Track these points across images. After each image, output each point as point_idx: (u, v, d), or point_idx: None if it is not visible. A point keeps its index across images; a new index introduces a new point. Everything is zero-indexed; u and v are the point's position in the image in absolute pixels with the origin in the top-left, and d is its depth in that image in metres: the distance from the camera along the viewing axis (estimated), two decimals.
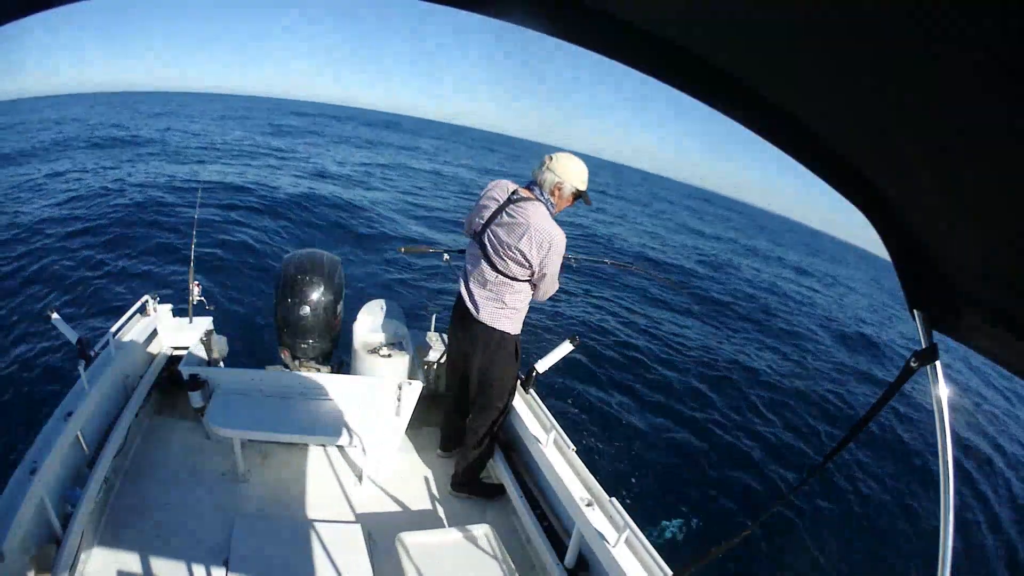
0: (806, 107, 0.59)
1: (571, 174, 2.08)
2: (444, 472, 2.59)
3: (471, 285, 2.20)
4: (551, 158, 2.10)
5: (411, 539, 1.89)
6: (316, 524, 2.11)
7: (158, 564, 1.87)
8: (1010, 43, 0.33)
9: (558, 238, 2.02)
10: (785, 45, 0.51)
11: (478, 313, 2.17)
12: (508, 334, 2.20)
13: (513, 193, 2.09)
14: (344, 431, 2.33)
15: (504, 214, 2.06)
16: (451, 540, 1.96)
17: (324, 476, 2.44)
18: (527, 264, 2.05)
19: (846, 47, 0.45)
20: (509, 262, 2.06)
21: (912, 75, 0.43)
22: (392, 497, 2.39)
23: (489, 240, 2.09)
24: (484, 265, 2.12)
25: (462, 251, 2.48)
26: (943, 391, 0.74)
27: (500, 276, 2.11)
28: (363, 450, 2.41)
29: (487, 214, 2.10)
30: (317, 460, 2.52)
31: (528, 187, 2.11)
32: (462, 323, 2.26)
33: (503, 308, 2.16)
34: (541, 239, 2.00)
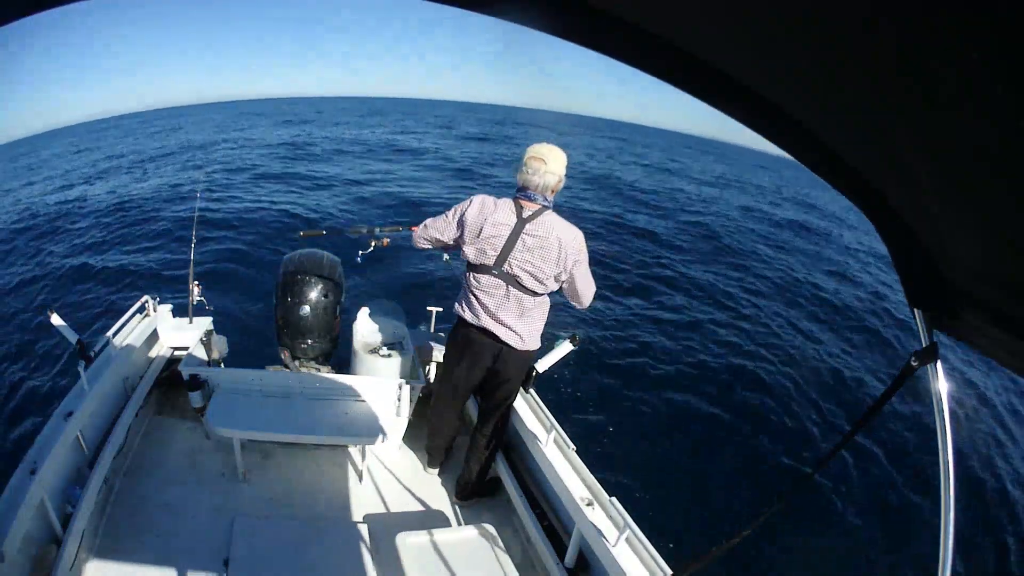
0: (806, 107, 0.59)
1: (564, 166, 1.98)
2: (445, 471, 2.59)
3: (506, 319, 2.05)
4: (544, 160, 1.93)
5: (412, 539, 1.89)
6: (316, 524, 2.11)
7: (158, 564, 1.87)
8: (1010, 42, 0.33)
9: (582, 239, 1.99)
10: (785, 45, 0.51)
11: (524, 343, 2.10)
12: (538, 349, 2.21)
13: (520, 210, 1.95)
14: (344, 431, 2.33)
15: (525, 238, 1.93)
16: (451, 540, 1.96)
17: (324, 476, 2.44)
18: (563, 274, 2.02)
19: (846, 47, 0.46)
20: (550, 282, 2.02)
21: (912, 75, 0.43)
22: (392, 497, 2.39)
23: (522, 269, 1.97)
24: (519, 294, 2.02)
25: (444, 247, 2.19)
26: (943, 390, 0.75)
27: (537, 298, 2.05)
28: (363, 450, 2.41)
29: (501, 243, 1.94)
30: (317, 460, 2.52)
31: (527, 198, 1.96)
32: (499, 359, 2.14)
33: (539, 326, 2.13)
34: (577, 248, 1.97)
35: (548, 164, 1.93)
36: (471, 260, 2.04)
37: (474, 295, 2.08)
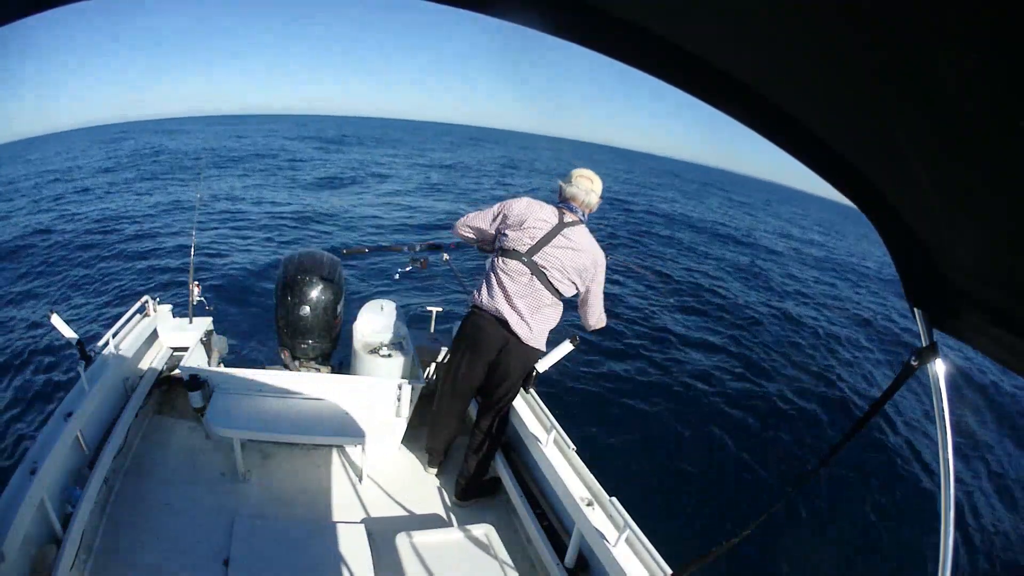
0: (806, 107, 0.59)
1: (601, 188, 2.21)
2: (444, 471, 2.59)
3: (520, 306, 2.13)
4: (592, 181, 2.16)
5: (411, 539, 1.89)
6: (316, 524, 2.11)
7: (158, 564, 1.87)
8: (1009, 43, 0.33)
9: (603, 259, 2.16)
10: (785, 44, 0.51)
11: (532, 336, 2.15)
12: (543, 352, 2.24)
13: (562, 215, 2.12)
14: (344, 431, 2.33)
15: (561, 238, 2.08)
16: (451, 540, 1.96)
17: (324, 476, 2.44)
18: (581, 286, 2.16)
19: (845, 46, 0.46)
20: (569, 284, 2.13)
21: (912, 74, 0.43)
22: (392, 497, 2.39)
23: (550, 262, 2.09)
24: (540, 287, 2.11)
25: (454, 245, 2.56)
26: (943, 389, 0.75)
27: (555, 298, 2.14)
28: (363, 450, 2.41)
29: (539, 235, 2.09)
30: (317, 460, 2.52)
31: (569, 209, 2.15)
32: (505, 348, 2.19)
33: (548, 327, 2.20)
34: (601, 264, 2.15)
35: (594, 185, 2.17)
36: (505, 246, 2.14)
37: (496, 278, 2.16)
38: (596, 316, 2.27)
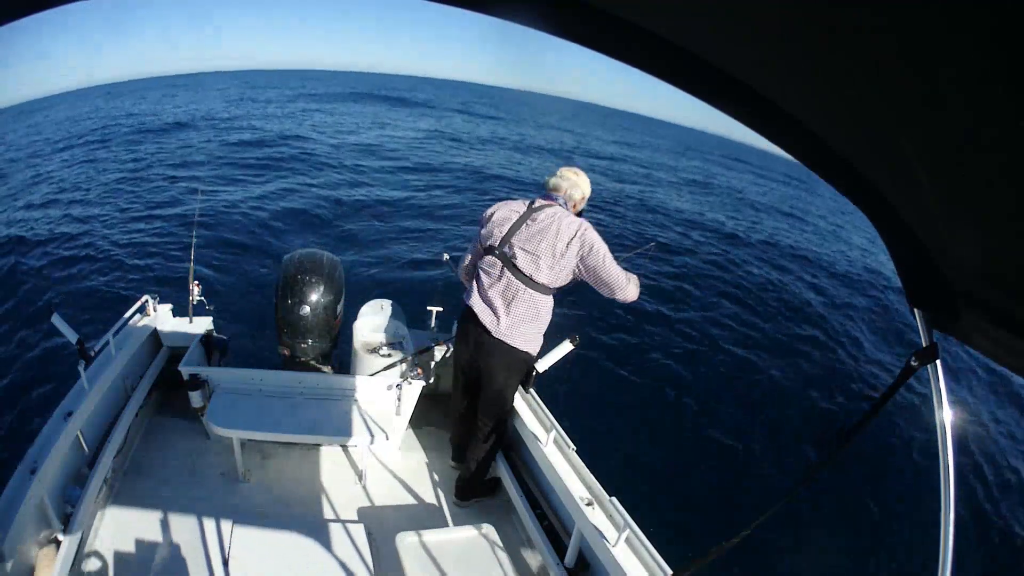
0: (806, 107, 0.59)
1: (588, 191, 2.16)
2: (445, 471, 2.59)
3: (493, 300, 2.04)
4: (576, 173, 2.14)
5: (411, 539, 1.90)
6: (316, 524, 2.11)
7: (158, 564, 1.87)
8: (1010, 42, 0.33)
9: (581, 224, 1.98)
10: (784, 44, 0.51)
11: (501, 330, 2.04)
12: (532, 355, 2.12)
13: (532, 202, 2.08)
14: (344, 431, 2.33)
15: (529, 222, 2.01)
16: (451, 540, 1.96)
17: (324, 476, 2.44)
18: (561, 266, 1.97)
19: (844, 45, 0.46)
20: (547, 269, 1.97)
21: (911, 73, 0.43)
22: (392, 497, 2.39)
23: (520, 248, 1.99)
24: (510, 277, 2.01)
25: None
26: (943, 390, 0.75)
27: (530, 289, 2.00)
28: (363, 450, 2.41)
29: (508, 226, 2.04)
30: (317, 460, 2.52)
31: (548, 197, 2.10)
32: (479, 345, 2.11)
33: (532, 326, 2.05)
34: (573, 230, 1.96)
35: (578, 179, 2.14)
36: (483, 244, 2.13)
37: (476, 275, 2.15)
38: (616, 287, 2.00)
